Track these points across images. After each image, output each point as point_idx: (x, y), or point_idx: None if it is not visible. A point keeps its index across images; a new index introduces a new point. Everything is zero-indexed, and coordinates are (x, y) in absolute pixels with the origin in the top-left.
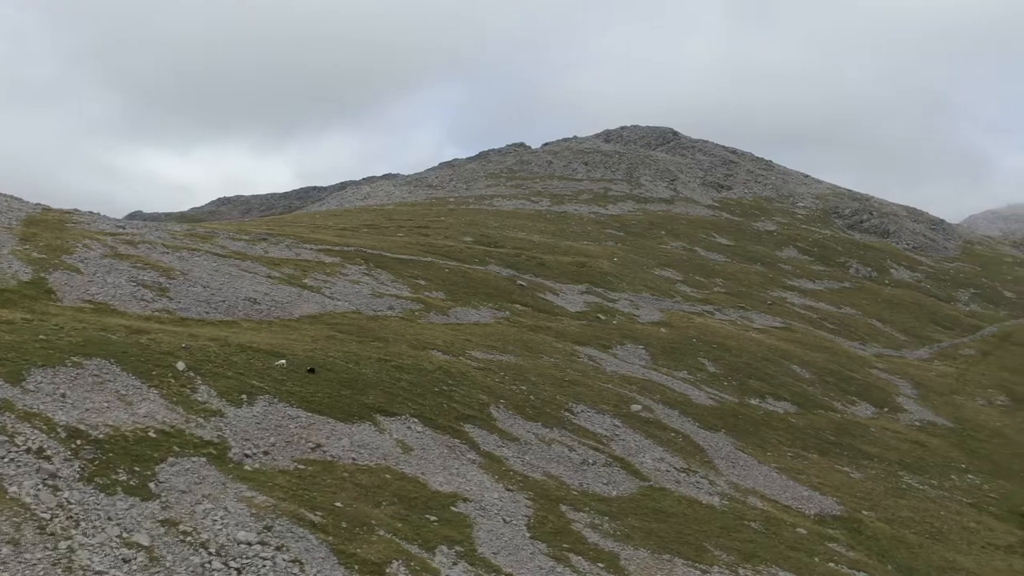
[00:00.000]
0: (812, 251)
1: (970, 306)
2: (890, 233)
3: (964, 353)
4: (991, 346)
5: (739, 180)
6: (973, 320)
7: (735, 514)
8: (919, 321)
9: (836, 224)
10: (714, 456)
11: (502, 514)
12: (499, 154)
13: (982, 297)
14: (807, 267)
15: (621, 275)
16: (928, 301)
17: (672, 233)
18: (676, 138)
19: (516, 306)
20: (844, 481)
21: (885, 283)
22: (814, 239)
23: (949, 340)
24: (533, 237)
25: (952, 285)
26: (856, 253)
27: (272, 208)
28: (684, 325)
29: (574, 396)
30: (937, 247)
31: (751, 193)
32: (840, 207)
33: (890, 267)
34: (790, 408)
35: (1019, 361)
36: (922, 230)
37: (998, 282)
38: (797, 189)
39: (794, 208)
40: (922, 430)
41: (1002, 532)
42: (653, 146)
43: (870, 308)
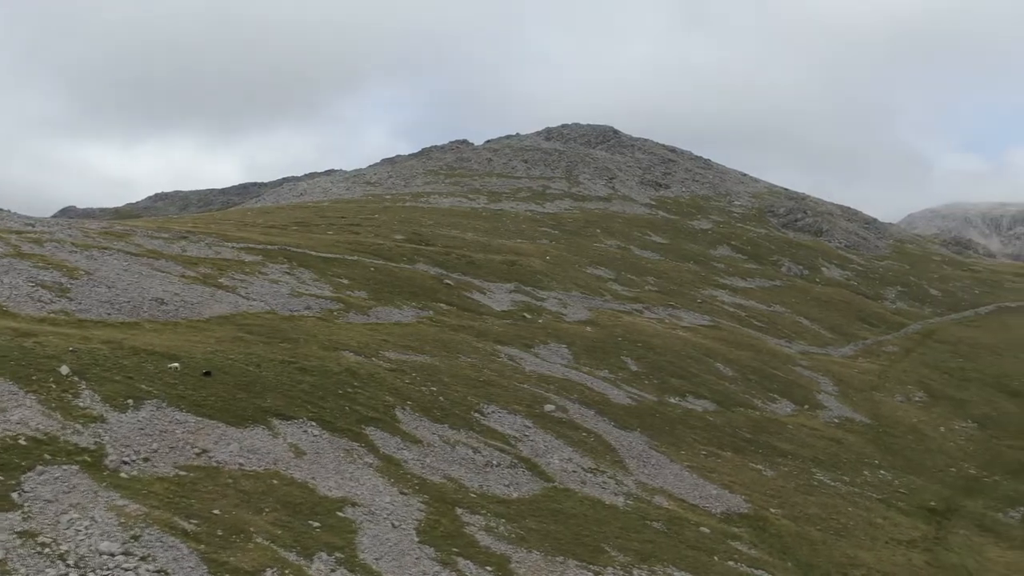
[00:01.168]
0: (746, 249)
1: (897, 304)
2: (824, 232)
3: (888, 350)
4: (914, 343)
5: (677, 179)
6: (899, 318)
7: (638, 514)
8: (846, 319)
9: (771, 223)
10: (625, 456)
11: (392, 518)
12: (441, 151)
13: (909, 295)
14: (740, 265)
15: (552, 274)
16: (856, 299)
17: (608, 231)
18: (616, 136)
19: (441, 305)
20: (756, 479)
21: (816, 281)
22: (748, 238)
23: (874, 338)
24: (466, 235)
25: (881, 283)
26: (789, 252)
27: (210, 204)
28: (611, 324)
29: (487, 397)
30: (869, 246)
31: (689, 192)
32: (776, 206)
33: (822, 265)
34: (710, 406)
35: (939, 358)
36: (855, 229)
37: (925, 280)
38: (734, 188)
39: (730, 207)
40: (840, 427)
41: (907, 527)
42: (593, 144)
43: (799, 306)
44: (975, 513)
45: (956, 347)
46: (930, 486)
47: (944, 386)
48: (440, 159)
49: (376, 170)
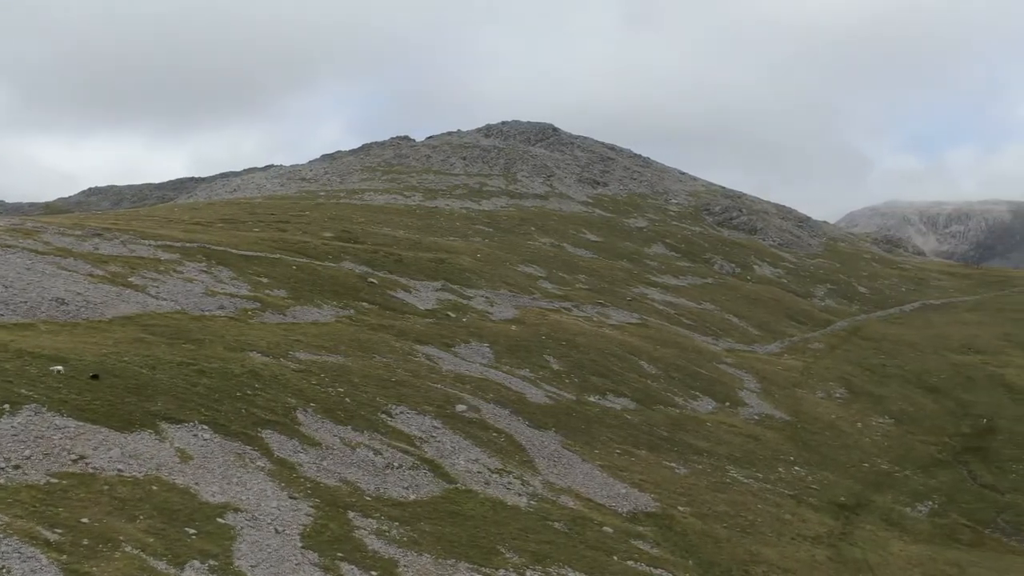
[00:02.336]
0: (680, 247)
1: (826, 302)
2: (758, 230)
3: (813, 347)
4: (839, 340)
5: (615, 177)
6: (827, 315)
7: (540, 514)
8: (775, 316)
9: (707, 221)
10: (535, 455)
11: (276, 524)
12: (381, 147)
13: (838, 293)
14: (673, 263)
15: (482, 272)
16: (786, 297)
17: (542, 229)
18: (556, 134)
19: (363, 304)
20: (668, 477)
21: (748, 279)
22: (683, 236)
23: (801, 335)
24: (398, 233)
25: (811, 281)
26: (723, 250)
27: (145, 199)
28: (537, 322)
29: (397, 397)
30: (802, 244)
31: (626, 190)
32: (712, 204)
33: (754, 263)
34: (629, 404)
35: (863, 355)
36: (789, 227)
37: (854, 278)
38: (672, 186)
39: (667, 205)
40: (759, 424)
41: (815, 523)
42: (533, 142)
43: (729, 304)
44: (883, 508)
45: (880, 344)
46: (842, 481)
47: (865, 383)
48: (379, 156)
49: (313, 166)
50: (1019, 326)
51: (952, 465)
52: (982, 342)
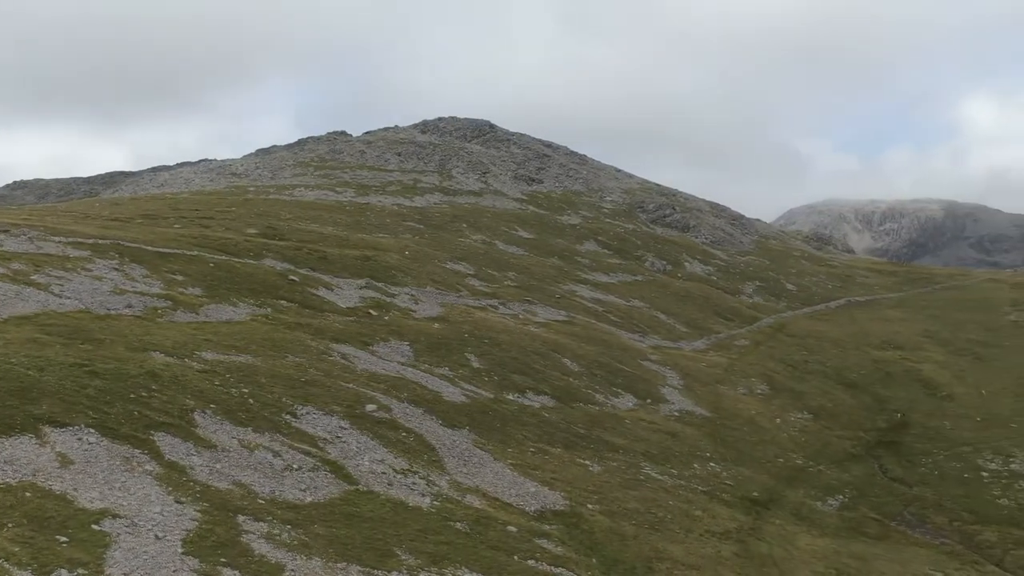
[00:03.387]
0: (612, 245)
1: (754, 298)
2: (690, 228)
3: (739, 344)
4: (765, 337)
5: (551, 174)
6: (754, 312)
7: (443, 515)
8: (703, 313)
9: (640, 218)
10: (445, 455)
11: (156, 529)
12: (316, 142)
13: (766, 290)
14: (604, 260)
15: (409, 269)
16: (715, 294)
17: (474, 226)
18: (493, 131)
19: (281, 302)
20: (581, 475)
21: (678, 276)
22: (616, 233)
23: (727, 331)
24: (325, 229)
25: (741, 278)
26: (654, 247)
27: (72, 193)
28: (461, 320)
29: (304, 398)
30: (734, 241)
31: (561, 187)
32: (646, 202)
33: (685, 261)
34: (548, 402)
35: (786, 351)
36: (722, 225)
37: (783, 275)
38: (607, 184)
39: (601, 202)
40: (679, 420)
41: (725, 519)
42: (469, 138)
43: (658, 301)
44: (795, 502)
45: (803, 340)
46: (757, 477)
47: (786, 378)
48: (313, 151)
49: (245, 161)
50: (939, 323)
51: (865, 459)
52: (903, 338)
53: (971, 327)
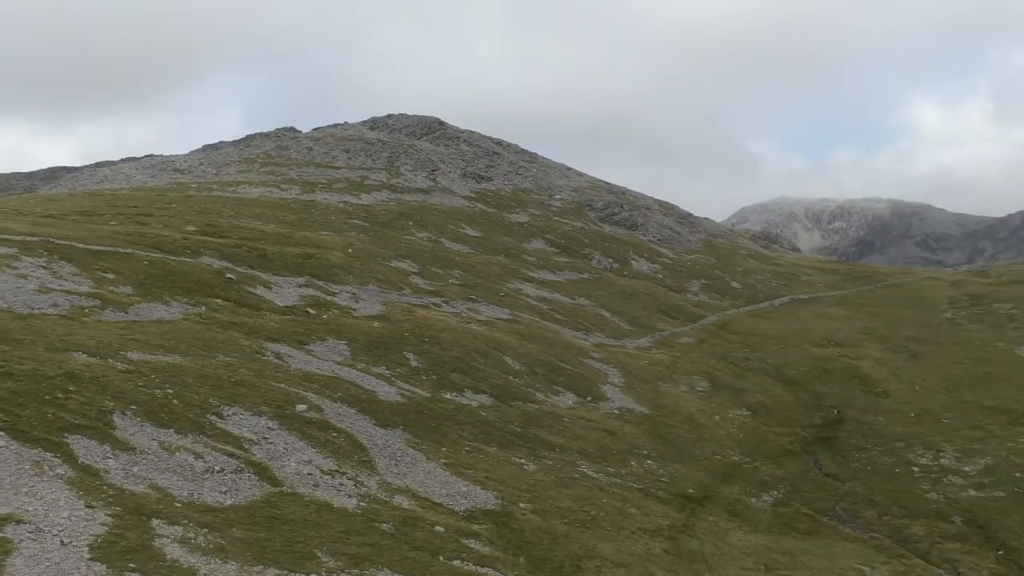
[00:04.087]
0: (560, 243)
1: (699, 296)
2: (639, 226)
3: (682, 341)
4: (708, 335)
5: (500, 172)
6: (699, 310)
7: (369, 516)
8: (647, 311)
9: (589, 216)
10: (376, 455)
11: (63, 535)
12: (263, 139)
13: (712, 288)
14: (551, 259)
15: (351, 267)
16: (661, 291)
17: (421, 224)
18: (442, 128)
19: (217, 301)
20: (515, 474)
21: (624, 274)
22: (564, 231)
23: (671, 329)
24: (268, 227)
25: (687, 276)
26: (601, 245)
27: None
28: (402, 318)
29: (232, 398)
30: (682, 240)
31: (511, 185)
32: (595, 200)
33: (632, 259)
34: (487, 401)
35: (729, 349)
36: (670, 223)
37: (728, 274)
38: (557, 182)
39: (551, 201)
40: (618, 418)
41: (659, 516)
42: (418, 135)
43: (604, 299)
44: (729, 499)
45: (746, 338)
46: (693, 474)
47: (728, 376)
48: (260, 147)
49: (190, 157)
50: (878, 320)
51: (801, 455)
52: (843, 335)
53: (909, 324)
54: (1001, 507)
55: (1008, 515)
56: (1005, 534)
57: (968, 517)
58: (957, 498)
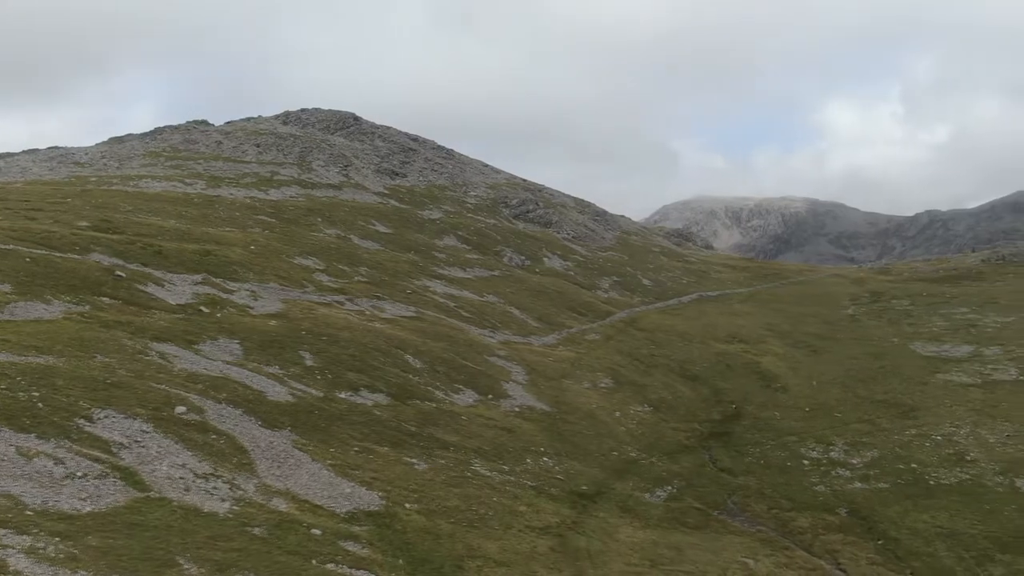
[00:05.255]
0: (472, 240)
1: (609, 293)
2: (553, 223)
3: (589, 338)
4: (616, 331)
5: (416, 168)
6: (608, 307)
7: (241, 520)
8: (556, 308)
9: (503, 213)
10: (258, 457)
11: None
12: (172, 131)
13: (622, 285)
14: (462, 256)
15: (252, 264)
16: (571, 289)
17: (330, 220)
18: (357, 123)
19: (103, 299)
20: (404, 473)
21: (536, 272)
22: (477, 228)
23: (580, 326)
24: (167, 223)
25: (598, 273)
26: (514, 242)
27: None
28: (301, 317)
29: (106, 400)
30: (596, 237)
31: (426, 181)
32: (510, 197)
33: (544, 256)
34: (382, 400)
35: (635, 345)
36: (585, 221)
37: (640, 271)
38: (473, 179)
39: (466, 197)
40: (518, 415)
41: (549, 513)
42: (332, 130)
43: (513, 296)
44: (622, 495)
45: (653, 334)
46: (588, 471)
47: (631, 372)
48: (167, 140)
49: (92, 150)
50: (782, 316)
51: (697, 450)
52: (747, 332)
53: (811, 321)
54: (883, 498)
55: (890, 506)
56: (885, 524)
57: (852, 508)
58: (843, 490)
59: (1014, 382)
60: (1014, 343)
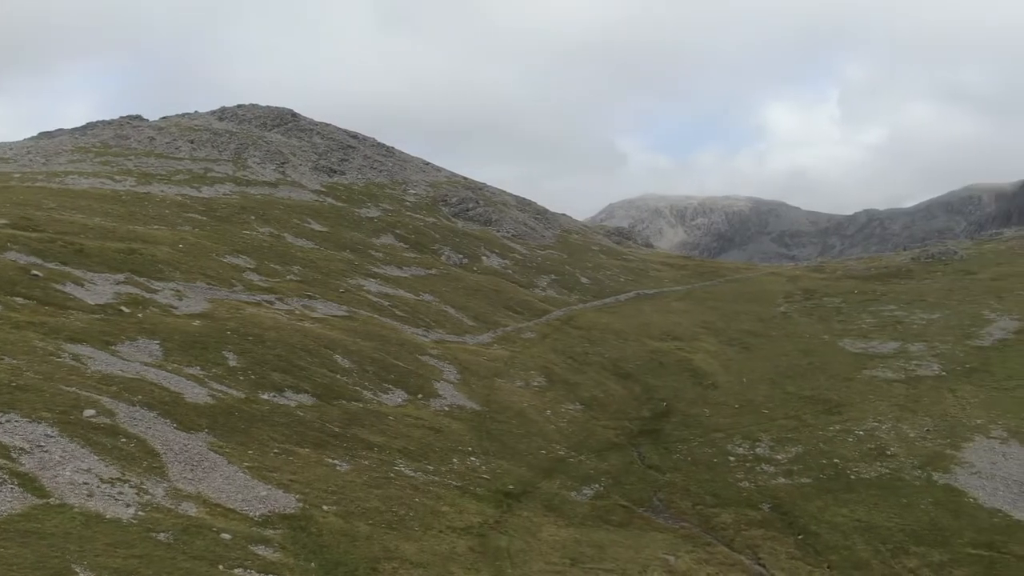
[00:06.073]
0: (410, 238)
1: (547, 292)
2: (493, 222)
3: (525, 337)
4: (552, 329)
5: (354, 165)
6: (545, 305)
7: (145, 526)
8: (493, 307)
9: (443, 212)
10: (171, 460)
11: None
12: (105, 127)
13: (560, 283)
14: (399, 254)
15: (179, 263)
16: (508, 287)
17: (264, 218)
18: (295, 120)
19: (16, 299)
20: (325, 475)
21: (473, 270)
22: (415, 226)
23: (515, 324)
24: (92, 220)
25: (537, 272)
26: (452, 240)
27: None
28: (227, 316)
29: (9, 404)
30: (536, 235)
31: (364, 179)
32: (450, 195)
33: (483, 254)
34: (307, 400)
35: (570, 343)
36: (525, 219)
37: (579, 269)
38: (413, 176)
39: (404, 195)
40: (448, 415)
41: (472, 513)
42: (269, 127)
43: (449, 295)
44: (548, 493)
45: (588, 332)
46: (516, 469)
47: (565, 370)
48: (98, 136)
49: (18, 145)
50: (716, 313)
51: (626, 448)
52: (681, 329)
53: (744, 318)
54: (805, 493)
55: (811, 501)
56: (806, 519)
57: (775, 504)
58: (767, 486)
59: (936, 377)
60: (938, 339)
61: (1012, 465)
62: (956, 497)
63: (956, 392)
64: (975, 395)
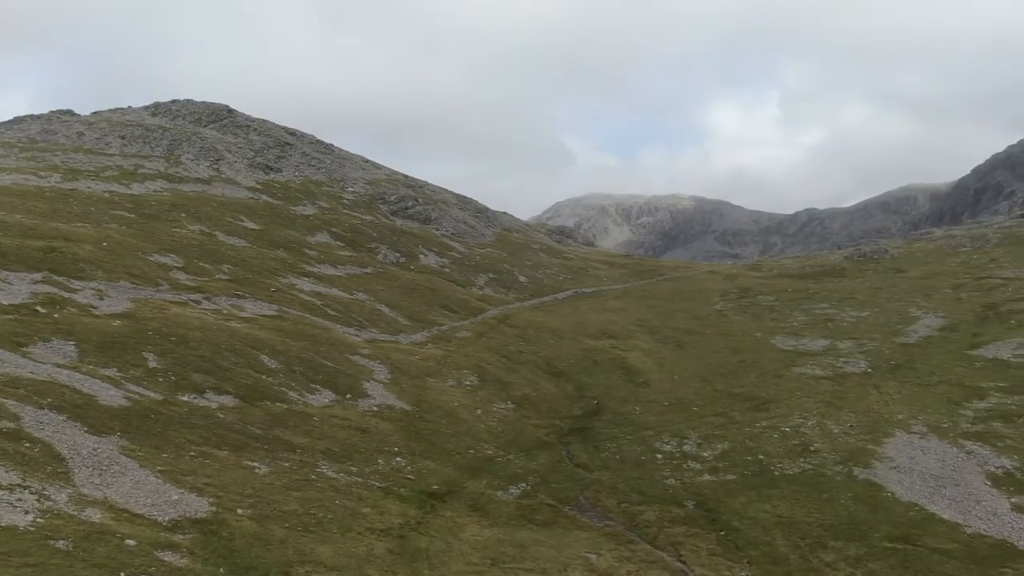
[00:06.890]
0: (346, 236)
1: (484, 290)
2: (432, 220)
3: (460, 336)
4: (487, 328)
5: (292, 163)
6: (482, 304)
7: (44, 533)
8: (428, 305)
9: (381, 209)
10: (78, 465)
11: None
12: (32, 121)
13: (498, 282)
14: (335, 253)
15: (102, 262)
16: (445, 286)
17: (195, 216)
18: (231, 116)
19: None
20: (242, 478)
21: (410, 269)
22: (352, 224)
23: (451, 323)
24: (12, 217)
25: (475, 270)
26: (390, 239)
27: None
28: (150, 316)
29: None
30: (476, 234)
31: (302, 176)
32: (389, 193)
33: (420, 253)
34: (229, 402)
35: (505, 342)
36: (465, 217)
37: (517, 268)
38: (352, 174)
39: (343, 193)
40: (376, 415)
41: (394, 514)
42: (204, 123)
43: (384, 293)
44: (474, 493)
45: (524, 331)
46: (442, 469)
47: (498, 369)
48: (24, 131)
49: None
50: (653, 311)
51: (555, 447)
52: (617, 327)
53: (680, 316)
54: (730, 490)
55: (735, 497)
56: (729, 515)
57: (699, 501)
58: (693, 483)
59: (862, 374)
60: (866, 337)
61: (930, 460)
62: (875, 492)
63: (880, 388)
64: (898, 391)
